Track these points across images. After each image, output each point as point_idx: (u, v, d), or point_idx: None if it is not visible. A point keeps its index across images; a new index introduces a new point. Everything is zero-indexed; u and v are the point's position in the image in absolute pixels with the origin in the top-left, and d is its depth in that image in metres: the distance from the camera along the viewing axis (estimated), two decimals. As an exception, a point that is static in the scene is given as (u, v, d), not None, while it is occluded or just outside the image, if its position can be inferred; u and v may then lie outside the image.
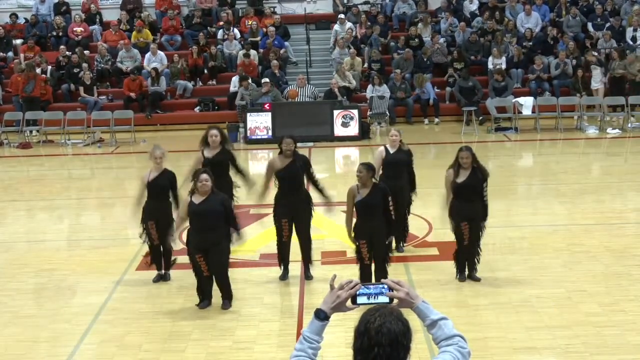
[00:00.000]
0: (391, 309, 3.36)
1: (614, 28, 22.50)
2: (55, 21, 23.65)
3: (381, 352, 3.24)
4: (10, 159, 18.76)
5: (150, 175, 9.31)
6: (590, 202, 13.26)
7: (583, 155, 17.51)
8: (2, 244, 12.12)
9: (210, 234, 8.51)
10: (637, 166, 16.33)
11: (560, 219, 12.16)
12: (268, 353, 8.01)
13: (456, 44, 22.52)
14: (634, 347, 7.89)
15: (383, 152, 10.01)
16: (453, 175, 9.11)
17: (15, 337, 8.54)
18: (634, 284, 9.54)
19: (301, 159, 9.57)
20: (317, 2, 24.74)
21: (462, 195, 9.07)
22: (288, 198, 9.31)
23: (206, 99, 21.44)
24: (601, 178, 15.18)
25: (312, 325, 3.55)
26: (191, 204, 8.56)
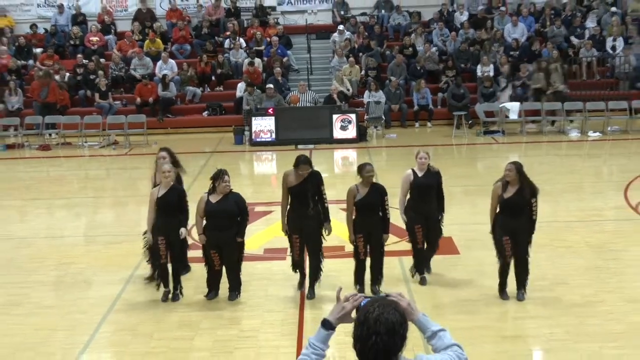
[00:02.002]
0: (389, 301, 3.39)
1: (594, 37, 22.52)
2: (73, 31, 23.68)
3: (379, 340, 3.25)
4: (30, 160, 18.77)
5: (160, 191, 8.85)
6: (572, 201, 13.29)
7: (565, 157, 17.52)
8: (24, 239, 12.14)
9: (225, 232, 8.52)
10: (616, 167, 16.35)
11: (543, 216, 12.09)
12: (272, 341, 8.03)
13: (447, 52, 22.54)
14: (613, 335, 7.92)
15: (411, 175, 8.99)
16: (501, 189, 8.51)
17: (36, 326, 8.56)
18: (612, 277, 9.57)
19: (315, 175, 8.93)
20: (317, 13, 24.75)
21: (508, 212, 8.49)
22: (298, 214, 8.81)
23: (214, 104, 21.46)
24: (582, 178, 15.18)
25: (319, 334, 3.58)
26: (208, 202, 8.55)
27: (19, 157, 19.18)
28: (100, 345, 8.21)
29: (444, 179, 9.14)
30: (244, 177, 16.81)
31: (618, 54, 21.82)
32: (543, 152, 18.17)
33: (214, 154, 18.43)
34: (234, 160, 18.03)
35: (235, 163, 17.72)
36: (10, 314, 9.02)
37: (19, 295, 9.54)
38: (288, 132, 19.23)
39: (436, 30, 23.25)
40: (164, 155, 9.44)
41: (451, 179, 9.54)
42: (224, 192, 8.54)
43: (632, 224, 11.83)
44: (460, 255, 9.78)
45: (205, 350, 7.88)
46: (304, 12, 24.79)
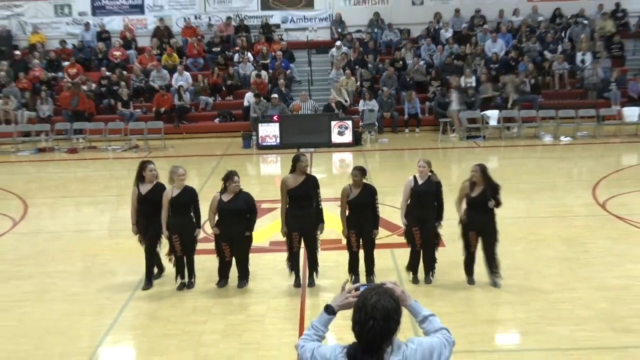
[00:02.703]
0: (385, 289, 3.40)
1: (566, 52, 22.54)
2: (98, 46, 23.71)
3: (375, 324, 3.27)
4: (60, 162, 18.78)
5: (173, 192, 8.76)
6: (545, 198, 13.30)
7: (540, 159, 17.53)
8: (53, 233, 12.16)
9: (235, 227, 8.60)
10: (585, 168, 16.37)
11: (520, 212, 12.18)
12: (276, 325, 8.04)
13: (434, 65, 22.56)
14: (582, 319, 7.92)
15: (412, 182, 8.79)
16: (468, 188, 8.59)
17: (65, 312, 8.57)
18: (582, 267, 9.57)
19: (312, 179, 8.90)
20: (317, 30, 24.76)
21: (475, 209, 8.54)
22: (297, 213, 8.74)
23: (224, 112, 21.49)
24: (555, 178, 15.19)
25: (321, 318, 3.62)
26: (220, 201, 8.59)
27: (49, 159, 19.20)
28: (123, 328, 8.21)
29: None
30: (251, 178, 16.81)
31: (587, 67, 21.83)
32: (519, 155, 18.19)
33: (224, 157, 18.45)
34: (242, 162, 18.04)
35: (243, 165, 17.73)
36: (41, 301, 9.03)
37: (50, 283, 9.55)
38: (291, 137, 19.26)
39: (424, 46, 23.27)
40: (152, 167, 9.16)
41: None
42: (234, 192, 8.60)
43: (600, 220, 11.83)
44: (446, 247, 9.76)
45: (216, 333, 7.88)
46: (305, 29, 24.80)
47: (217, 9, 24.79)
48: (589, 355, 7.12)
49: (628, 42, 23.62)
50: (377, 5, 24.62)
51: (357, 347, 3.34)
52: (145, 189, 8.89)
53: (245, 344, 7.66)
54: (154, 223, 8.82)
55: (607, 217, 11.92)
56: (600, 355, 7.12)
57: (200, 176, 16.08)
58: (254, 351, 7.48)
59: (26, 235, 12.12)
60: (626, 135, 19.55)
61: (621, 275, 9.24)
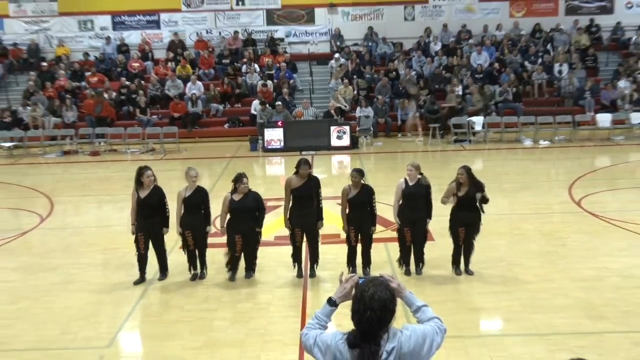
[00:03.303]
0: (381, 281, 3.39)
1: (545, 63, 22.54)
2: (118, 58, 23.71)
3: (372, 314, 3.27)
4: (83, 164, 18.78)
5: (186, 192, 8.82)
6: (526, 197, 13.28)
7: (521, 161, 17.51)
8: (77, 228, 12.16)
9: (246, 223, 8.62)
10: (562, 169, 16.34)
11: (503, 210, 12.18)
12: (281, 312, 8.05)
13: (424, 76, 22.55)
14: (560, 307, 7.92)
15: (403, 184, 8.73)
16: (455, 189, 8.60)
17: (86, 301, 8.58)
18: (560, 259, 9.57)
19: (314, 180, 8.88)
20: (318, 44, 24.75)
21: (463, 207, 8.59)
22: (300, 211, 8.76)
23: (233, 118, 21.47)
24: (535, 178, 15.18)
25: (324, 309, 3.63)
26: (232, 201, 8.59)
27: (73, 161, 19.19)
28: (140, 315, 8.21)
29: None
30: (257, 178, 16.80)
31: (564, 77, 21.82)
32: (502, 157, 18.17)
33: (233, 159, 18.44)
34: (249, 163, 18.03)
35: (250, 166, 17.72)
36: (66, 290, 9.03)
37: (74, 274, 9.55)
38: (294, 141, 19.25)
39: (415, 58, 23.25)
40: (149, 174, 8.87)
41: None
42: (243, 192, 8.61)
43: (576, 216, 11.83)
44: (435, 241, 9.76)
45: (226, 320, 7.88)
46: (307, 42, 24.79)
47: (226, 24, 24.79)
48: (566, 340, 7.11)
49: (601, 55, 23.62)
50: (372, 20, 24.61)
51: (356, 335, 3.33)
52: (144, 193, 8.79)
53: (252, 329, 7.66)
54: (152, 224, 8.80)
55: (583, 214, 11.91)
56: (577, 340, 7.11)
57: (212, 177, 16.08)
58: (260, 336, 7.48)
59: (52, 230, 12.11)
60: (599, 139, 19.54)
61: (595, 267, 9.24)
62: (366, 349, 3.29)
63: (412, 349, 3.35)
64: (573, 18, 24.41)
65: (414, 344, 3.36)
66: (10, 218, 13.26)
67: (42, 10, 24.67)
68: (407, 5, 24.51)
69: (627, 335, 7.22)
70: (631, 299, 8.17)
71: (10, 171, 17.94)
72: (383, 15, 24.61)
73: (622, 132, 19.79)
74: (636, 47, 23.44)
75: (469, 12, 24.53)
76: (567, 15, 24.58)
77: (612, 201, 12.80)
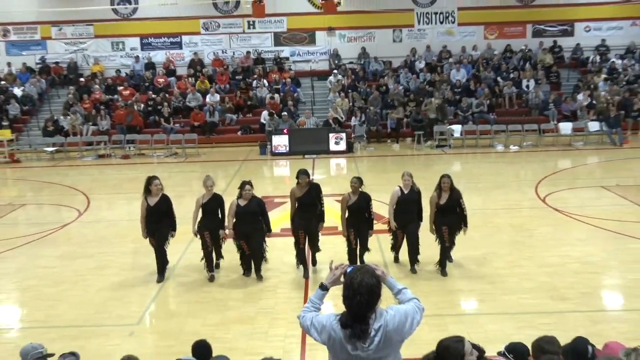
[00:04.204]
0: (367, 269, 3.41)
1: (514, 79, 22.53)
2: (146, 75, 23.69)
3: (361, 298, 3.30)
4: (115, 166, 18.78)
5: (204, 198, 8.51)
6: (498, 195, 13.29)
7: (494, 164, 17.52)
8: (110, 221, 12.17)
9: (250, 226, 8.35)
10: (529, 171, 16.32)
11: (478, 206, 12.18)
12: (286, 294, 8.07)
13: (410, 89, 22.53)
14: (528, 290, 7.94)
15: (398, 192, 8.46)
16: (436, 198, 8.29)
17: (118, 284, 8.60)
18: (527, 248, 9.59)
19: (314, 188, 8.52)
20: (318, 62, 24.71)
21: (444, 212, 8.29)
22: (303, 215, 8.47)
23: (245, 126, 21.46)
24: (506, 178, 15.19)
25: (317, 293, 3.67)
26: (238, 206, 8.32)
27: (107, 163, 19.20)
28: (165, 296, 8.23)
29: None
30: (266, 178, 16.81)
31: (530, 91, 21.81)
32: (478, 160, 18.17)
33: (245, 162, 18.44)
34: (259, 166, 18.04)
35: (260, 168, 17.74)
36: (101, 275, 9.05)
37: (108, 260, 9.57)
38: (298, 146, 19.26)
39: (402, 74, 23.22)
40: (157, 182, 8.59)
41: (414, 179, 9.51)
42: (247, 198, 8.32)
43: (541, 211, 11.84)
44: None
45: (239, 300, 7.90)
46: (309, 61, 24.76)
47: (239, 46, 24.77)
48: (532, 318, 7.13)
49: (563, 71, 23.60)
50: (365, 42, 24.59)
51: (347, 316, 3.37)
52: (152, 201, 8.48)
53: (262, 308, 7.68)
54: (161, 228, 8.50)
55: (547, 209, 11.93)
56: (542, 318, 7.13)
57: (226, 177, 16.10)
58: (268, 314, 7.50)
59: (89, 223, 12.13)
60: (561, 145, 19.54)
61: (558, 254, 9.26)
62: (357, 329, 3.32)
63: (396, 326, 3.38)
64: (539, 40, 24.39)
65: (398, 322, 3.39)
66: (53, 213, 13.28)
67: (80, 33, 24.66)
68: (395, 28, 24.49)
69: (585, 314, 7.23)
70: (589, 283, 8.19)
71: (53, 172, 17.95)
72: (374, 38, 24.59)
73: (581, 139, 19.78)
74: (593, 65, 23.44)
75: (449, 35, 24.51)
76: (534, 37, 24.54)
77: (572, 198, 12.81)
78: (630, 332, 6.64)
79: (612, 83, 22.01)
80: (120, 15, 24.48)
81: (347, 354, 3.38)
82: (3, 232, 11.53)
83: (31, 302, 8.27)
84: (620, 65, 23.19)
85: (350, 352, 3.36)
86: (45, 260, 9.89)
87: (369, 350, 3.34)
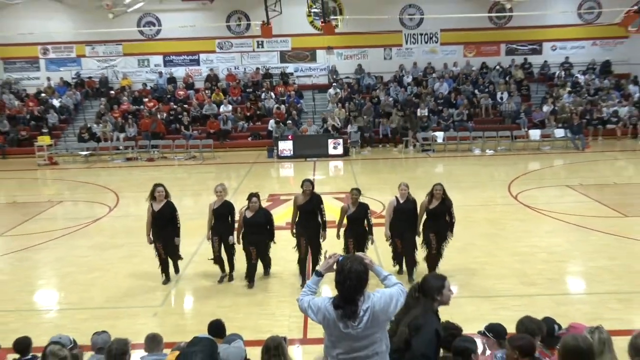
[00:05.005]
0: (356, 257, 3.45)
1: (490, 92, 22.52)
2: (168, 88, 23.67)
3: (351, 283, 3.33)
4: (141, 168, 18.77)
5: (215, 204, 7.95)
6: (476, 193, 13.27)
7: (472, 166, 17.50)
8: (137, 216, 11.97)
9: (257, 235, 7.76)
10: (503, 172, 16.22)
11: (458, 202, 11.95)
12: (290, 279, 8.07)
13: (399, 101, 22.51)
14: (501, 276, 7.95)
15: (394, 202, 7.80)
16: (427, 203, 7.66)
17: (144, 271, 8.59)
18: (502, 240, 9.59)
19: (316, 198, 7.88)
20: (318, 77, 24.69)
21: (433, 217, 7.67)
22: (305, 224, 7.86)
23: (255, 133, 21.45)
24: (482, 178, 15.19)
25: (313, 279, 3.68)
26: (245, 217, 7.75)
27: (134, 165, 19.19)
28: (185, 280, 8.22)
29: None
30: (273, 178, 16.80)
31: (504, 102, 21.80)
32: (458, 163, 18.16)
33: (255, 164, 18.43)
34: (267, 167, 18.04)
35: (268, 169, 17.73)
36: (129, 263, 9.05)
37: (135, 251, 9.55)
38: (301, 150, 19.25)
39: (392, 87, 23.21)
40: (160, 190, 8.11)
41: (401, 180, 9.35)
42: (254, 209, 7.71)
43: (513, 207, 11.83)
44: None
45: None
46: (310, 76, 24.73)
47: (250, 62, 24.76)
48: (505, 301, 7.13)
49: (532, 85, 23.57)
50: (360, 59, 24.57)
51: (339, 299, 3.39)
52: (157, 206, 7.96)
53: (269, 292, 7.69)
54: (165, 232, 7.96)
55: (518, 206, 11.93)
56: (513, 300, 7.12)
57: (238, 177, 16.10)
58: (274, 297, 7.50)
59: (118, 217, 12.13)
60: (531, 149, 19.52)
61: (528, 245, 9.26)
62: (347, 309, 3.35)
63: (382, 307, 3.40)
64: (511, 57, 24.37)
65: (383, 303, 3.40)
66: (86, 208, 13.28)
67: (111, 51, 24.64)
68: (386, 48, 24.47)
69: (552, 297, 7.23)
70: (555, 270, 8.19)
71: (87, 173, 17.94)
72: (368, 55, 24.56)
73: (548, 144, 19.77)
74: (559, 80, 23.43)
75: (433, 53, 24.48)
76: (507, 55, 24.52)
77: (540, 196, 12.80)
78: (590, 313, 6.64)
79: (576, 95, 22.02)
80: (146, 36, 24.48)
81: (339, 331, 3.40)
82: (43, 226, 11.53)
83: (67, 286, 8.27)
84: (582, 80, 23.20)
85: (342, 330, 3.38)
86: (80, 250, 9.89)
87: (358, 328, 3.36)
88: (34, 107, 22.74)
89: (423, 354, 3.60)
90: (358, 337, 3.38)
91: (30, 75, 24.62)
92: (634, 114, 20.87)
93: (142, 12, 23.83)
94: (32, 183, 17.11)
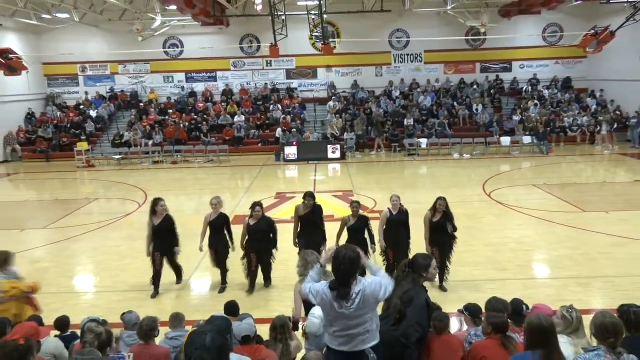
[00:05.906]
0: (350, 246, 3.47)
1: (467, 104, 22.46)
2: (189, 101, 23.63)
3: (345, 268, 3.33)
4: (166, 170, 18.74)
5: (211, 216, 7.31)
6: (455, 191, 13.22)
7: (451, 167, 17.46)
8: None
9: (260, 243, 7.16)
10: (478, 173, 16.22)
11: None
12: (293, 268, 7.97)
13: (388, 112, 22.46)
14: (477, 262, 7.92)
15: (387, 213, 7.07)
16: (430, 216, 6.97)
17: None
18: (479, 232, 9.55)
19: (316, 209, 7.26)
20: (319, 91, 24.67)
21: (436, 231, 6.96)
22: (306, 234, 7.22)
23: (264, 139, 21.40)
24: (460, 179, 15.14)
25: (315, 269, 3.70)
26: (248, 225, 7.14)
27: (160, 168, 19.16)
28: (201, 269, 8.17)
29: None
30: (280, 179, 16.75)
31: (479, 113, 21.75)
32: (439, 165, 18.11)
33: (264, 166, 18.39)
34: (274, 169, 17.99)
35: (275, 171, 17.66)
36: (155, 252, 8.95)
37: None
38: (304, 154, 19.21)
39: (383, 100, 23.16)
40: (162, 203, 7.45)
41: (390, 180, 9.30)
42: (257, 218, 7.10)
43: (487, 204, 11.81)
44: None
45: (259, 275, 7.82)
46: (312, 90, 24.70)
47: (260, 79, 24.73)
48: (481, 284, 7.10)
49: (503, 98, 23.53)
50: (355, 76, 24.53)
51: (334, 282, 3.40)
52: (157, 220, 7.24)
53: (277, 277, 7.63)
54: (164, 245, 7.30)
55: (492, 202, 11.90)
56: (487, 284, 7.10)
57: (250, 177, 16.06)
58: (281, 281, 7.46)
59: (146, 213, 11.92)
60: (502, 153, 19.48)
61: (500, 236, 9.23)
62: (341, 291, 3.35)
63: (372, 291, 3.39)
64: (485, 74, 24.35)
65: (373, 288, 3.40)
66: (119, 204, 13.26)
67: (140, 69, 24.64)
68: (377, 66, 24.46)
69: (521, 281, 7.21)
70: (523, 257, 8.16)
71: (119, 174, 17.90)
72: (361, 73, 24.53)
73: (517, 149, 19.73)
74: (526, 93, 23.40)
75: (417, 70, 24.45)
76: (481, 72, 24.49)
77: (510, 194, 12.77)
78: (554, 295, 6.62)
79: (541, 107, 21.98)
80: (170, 56, 24.45)
81: (335, 311, 3.40)
82: (81, 220, 11.51)
83: (101, 272, 8.24)
84: (546, 94, 23.18)
85: (337, 310, 3.39)
86: (113, 240, 9.87)
87: (351, 308, 3.36)
88: (74, 117, 22.73)
89: (417, 322, 3.60)
90: (351, 316, 3.37)
91: (71, 90, 24.62)
92: (591, 123, 20.87)
93: (167, 36, 23.85)
94: (72, 182, 17.08)
